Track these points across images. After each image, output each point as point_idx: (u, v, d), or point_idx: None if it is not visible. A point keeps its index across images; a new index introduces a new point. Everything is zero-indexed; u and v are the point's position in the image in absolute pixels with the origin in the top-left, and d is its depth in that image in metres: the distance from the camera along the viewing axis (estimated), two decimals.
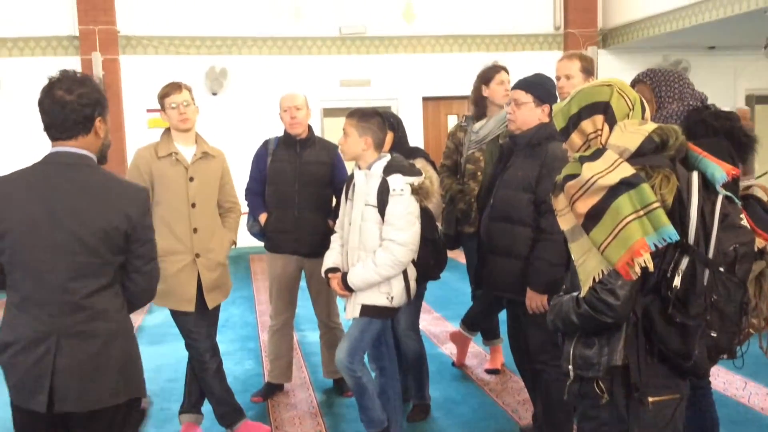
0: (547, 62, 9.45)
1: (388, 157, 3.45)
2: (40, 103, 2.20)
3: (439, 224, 4.02)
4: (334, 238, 3.68)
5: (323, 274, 3.62)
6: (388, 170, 3.37)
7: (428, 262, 3.60)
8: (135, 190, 2.32)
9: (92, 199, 2.16)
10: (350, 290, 3.41)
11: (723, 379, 4.55)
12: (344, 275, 3.42)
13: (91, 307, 2.19)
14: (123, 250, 2.24)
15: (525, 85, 3.40)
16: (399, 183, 3.33)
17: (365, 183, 3.42)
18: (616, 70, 10.50)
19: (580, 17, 10.97)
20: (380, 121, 3.46)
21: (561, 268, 3.04)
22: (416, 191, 3.38)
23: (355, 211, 3.44)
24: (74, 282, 2.16)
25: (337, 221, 3.70)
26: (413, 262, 3.47)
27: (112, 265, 2.23)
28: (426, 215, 3.53)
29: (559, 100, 3.40)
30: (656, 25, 9.68)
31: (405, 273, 3.44)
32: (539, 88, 3.37)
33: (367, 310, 3.42)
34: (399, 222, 3.32)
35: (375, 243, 3.36)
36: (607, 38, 11.08)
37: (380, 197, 3.33)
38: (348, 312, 3.48)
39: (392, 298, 3.41)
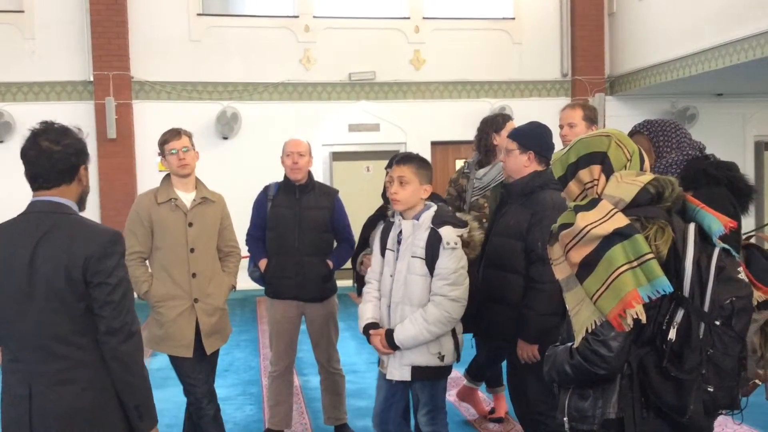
0: (554, 109, 9.53)
1: (434, 206, 3.26)
2: (24, 155, 2.22)
3: None
4: (368, 289, 3.41)
5: (361, 330, 3.35)
6: (437, 221, 3.17)
7: (469, 315, 3.37)
8: (98, 232, 2.22)
9: (60, 245, 2.15)
10: (393, 348, 3.19)
11: (731, 429, 4.45)
12: (388, 332, 3.20)
13: (63, 357, 2.16)
14: (84, 296, 2.16)
15: (513, 133, 3.45)
16: (452, 236, 3.14)
17: (412, 233, 3.22)
18: (623, 116, 10.54)
19: (587, 64, 11.06)
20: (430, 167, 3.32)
21: (550, 318, 3.02)
22: (466, 244, 3.22)
23: (401, 263, 3.22)
24: (44, 329, 2.15)
25: (369, 271, 3.46)
26: None
27: (80, 312, 2.17)
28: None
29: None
30: (663, 73, 9.73)
31: (453, 329, 3.23)
32: (525, 136, 3.37)
33: (420, 373, 3.21)
34: (452, 277, 3.13)
35: (421, 297, 3.16)
36: (615, 85, 11.14)
37: (429, 249, 3.13)
38: (395, 373, 3.24)
39: (443, 356, 3.20)
